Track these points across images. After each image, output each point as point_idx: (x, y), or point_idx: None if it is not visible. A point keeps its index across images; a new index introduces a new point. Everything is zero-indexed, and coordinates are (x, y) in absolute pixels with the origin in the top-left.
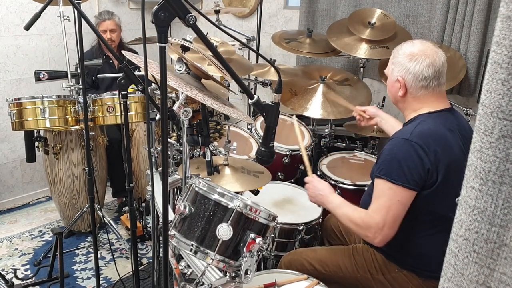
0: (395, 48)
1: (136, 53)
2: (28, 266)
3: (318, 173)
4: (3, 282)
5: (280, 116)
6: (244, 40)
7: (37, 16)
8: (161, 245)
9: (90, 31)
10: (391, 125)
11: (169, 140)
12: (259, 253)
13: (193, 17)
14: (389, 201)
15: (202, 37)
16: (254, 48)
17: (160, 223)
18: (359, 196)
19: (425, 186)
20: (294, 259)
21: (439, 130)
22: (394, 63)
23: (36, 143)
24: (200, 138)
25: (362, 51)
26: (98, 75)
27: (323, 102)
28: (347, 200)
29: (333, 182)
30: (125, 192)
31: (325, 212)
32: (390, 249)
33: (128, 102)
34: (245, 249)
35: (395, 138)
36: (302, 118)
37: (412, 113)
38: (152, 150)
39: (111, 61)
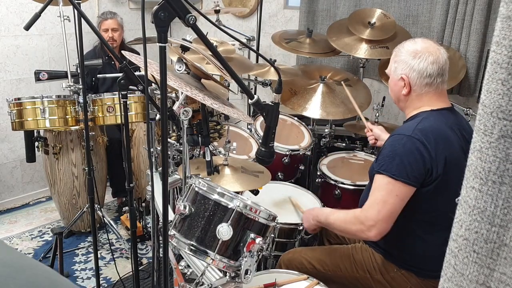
0: (396, 47)
1: (138, 53)
2: None
3: (318, 173)
4: None
5: (280, 116)
6: (244, 40)
7: (37, 16)
8: (161, 245)
9: (90, 31)
10: None
11: (169, 140)
12: (259, 253)
13: (193, 17)
14: (386, 195)
15: (202, 37)
16: (254, 48)
17: (160, 223)
18: (359, 196)
19: (425, 183)
20: (293, 258)
21: (440, 128)
22: (397, 61)
23: (36, 143)
24: (200, 138)
25: (362, 51)
26: (98, 75)
27: (323, 102)
28: (347, 200)
29: (333, 182)
30: (125, 192)
31: None
32: (389, 248)
33: (128, 102)
34: (245, 249)
35: (397, 135)
36: (302, 118)
37: (413, 111)
38: (152, 150)
39: (112, 62)
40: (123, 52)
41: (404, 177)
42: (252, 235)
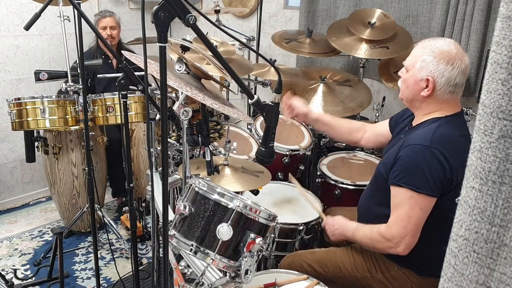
0: (424, 43)
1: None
2: (28, 266)
3: (318, 173)
4: (3, 282)
5: (280, 116)
6: (244, 40)
7: (37, 16)
8: (161, 245)
9: (90, 31)
10: (326, 123)
11: (169, 140)
12: (259, 253)
13: (193, 17)
14: (410, 210)
15: (202, 37)
16: (254, 48)
17: (160, 223)
18: (359, 196)
19: (445, 192)
20: (293, 261)
21: (454, 136)
22: (425, 60)
23: (36, 143)
24: (200, 138)
25: (362, 51)
26: (98, 75)
27: (323, 101)
28: (347, 200)
29: (333, 182)
30: (125, 192)
31: (325, 211)
32: None
33: (128, 102)
34: (245, 249)
35: (415, 145)
36: None
37: (424, 116)
38: (152, 150)
39: (109, 61)
40: (123, 52)
41: (427, 189)
42: (252, 235)
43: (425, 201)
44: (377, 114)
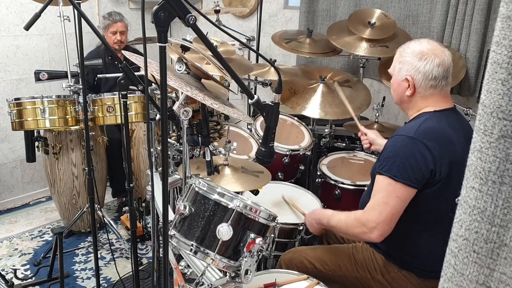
0: (401, 47)
1: (141, 54)
2: (28, 266)
3: (318, 173)
4: (3, 282)
5: (280, 116)
6: (244, 40)
7: (37, 16)
8: (161, 245)
9: (90, 31)
10: None
11: (169, 140)
12: (259, 253)
13: (193, 17)
14: (387, 196)
15: (202, 37)
16: (254, 48)
17: (160, 223)
18: (359, 196)
19: (427, 185)
20: (294, 257)
21: (443, 129)
22: (401, 62)
23: (36, 143)
24: (200, 138)
25: (362, 49)
26: (99, 75)
27: (322, 102)
28: (347, 200)
29: (333, 182)
30: (125, 192)
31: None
32: (390, 249)
33: (128, 102)
34: (245, 249)
35: (399, 135)
36: (302, 118)
37: (416, 112)
38: (152, 150)
39: (116, 62)
40: (123, 52)
41: (405, 178)
42: (252, 235)
43: (402, 189)
44: (377, 114)
